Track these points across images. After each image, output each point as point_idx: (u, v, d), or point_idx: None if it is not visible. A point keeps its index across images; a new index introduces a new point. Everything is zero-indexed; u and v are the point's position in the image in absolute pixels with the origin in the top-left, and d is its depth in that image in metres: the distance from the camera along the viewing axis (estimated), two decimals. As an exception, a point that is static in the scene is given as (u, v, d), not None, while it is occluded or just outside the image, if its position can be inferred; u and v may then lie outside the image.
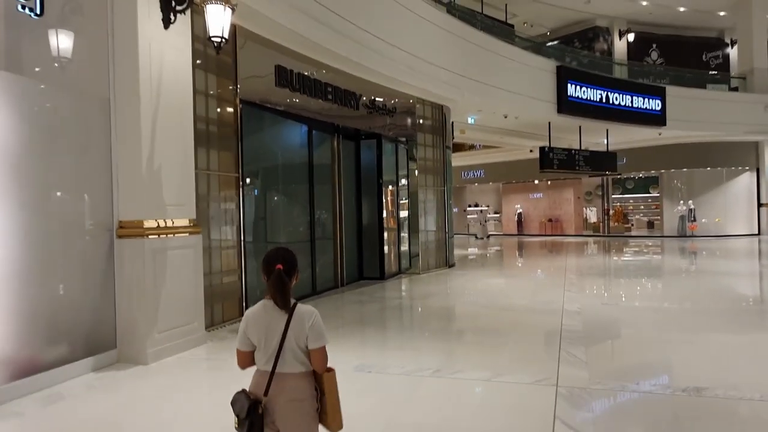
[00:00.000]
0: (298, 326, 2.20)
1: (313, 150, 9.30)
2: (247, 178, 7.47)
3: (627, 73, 20.58)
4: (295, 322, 2.20)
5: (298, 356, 2.21)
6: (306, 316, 2.22)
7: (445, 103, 12.94)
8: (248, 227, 7.63)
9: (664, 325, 6.71)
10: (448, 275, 11.94)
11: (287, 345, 2.18)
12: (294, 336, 2.19)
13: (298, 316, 2.21)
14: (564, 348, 5.38)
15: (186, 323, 5.64)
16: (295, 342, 2.19)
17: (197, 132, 6.28)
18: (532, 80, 15.35)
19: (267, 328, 2.21)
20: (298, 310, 2.22)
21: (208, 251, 6.56)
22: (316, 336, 2.21)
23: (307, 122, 9.17)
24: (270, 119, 8.42)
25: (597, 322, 6.81)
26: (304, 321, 2.21)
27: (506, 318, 7.17)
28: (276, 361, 2.18)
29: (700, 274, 11.93)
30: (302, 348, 2.21)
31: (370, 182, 11.25)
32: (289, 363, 2.20)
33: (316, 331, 2.21)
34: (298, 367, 2.21)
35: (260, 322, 2.24)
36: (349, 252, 10.79)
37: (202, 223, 6.36)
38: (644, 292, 9.47)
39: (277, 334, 2.19)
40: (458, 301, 8.84)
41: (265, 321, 2.23)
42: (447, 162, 13.20)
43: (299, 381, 2.21)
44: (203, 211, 6.50)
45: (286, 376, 2.20)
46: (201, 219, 6.37)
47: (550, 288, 9.70)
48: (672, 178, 23.20)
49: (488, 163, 28.10)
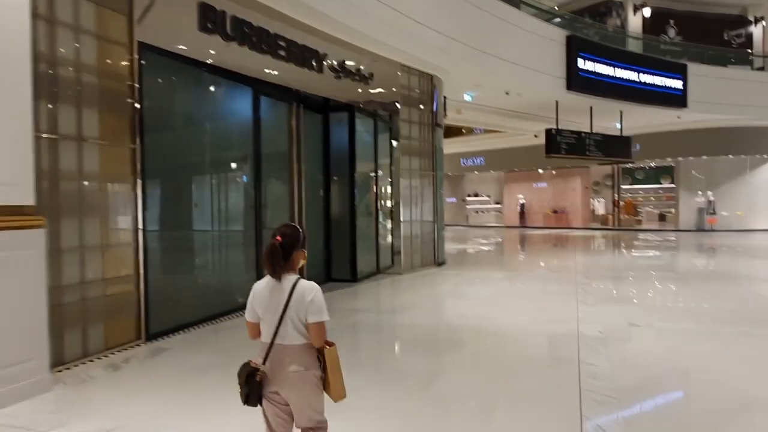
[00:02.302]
0: (299, 300, 2.26)
1: (260, 121, 7.34)
2: (153, 153, 5.52)
3: (643, 49, 18.51)
4: (296, 296, 2.26)
5: (299, 329, 2.28)
6: (306, 291, 2.27)
7: (435, 72, 10.94)
8: (154, 219, 5.70)
9: (734, 363, 4.76)
10: (436, 277, 10.01)
11: (288, 317, 2.26)
12: (295, 309, 2.26)
13: (299, 291, 2.27)
14: (588, 418, 3.45)
15: (12, 363, 3.73)
16: (296, 315, 2.27)
17: (52, 80, 4.35)
18: (539, 51, 13.31)
19: (270, 300, 2.30)
20: (299, 285, 2.28)
21: (78, 251, 4.64)
22: (316, 311, 2.26)
23: (252, 85, 7.21)
24: (194, 76, 6.44)
25: (630, 359, 4.87)
26: (305, 295, 2.26)
27: (501, 352, 5.22)
28: (276, 333, 2.26)
29: (740, 279, 9.97)
30: (302, 321, 2.28)
31: (341, 165, 9.30)
32: (291, 335, 2.27)
33: (315, 306, 2.26)
34: (299, 338, 2.28)
35: (264, 295, 2.32)
36: (313, 249, 8.86)
37: (63, 212, 4.44)
38: (681, 306, 7.44)
39: (279, 306, 2.26)
40: (439, 320, 6.84)
41: (268, 294, 2.31)
42: (437, 143, 11.23)
43: (301, 351, 2.28)
44: (70, 194, 4.58)
45: (288, 348, 2.27)
46: (61, 205, 4.46)
47: (559, 297, 7.76)
48: (690, 167, 21.16)
49: (489, 150, 26.09)
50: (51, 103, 4.43)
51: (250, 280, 7.29)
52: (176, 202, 6.36)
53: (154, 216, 5.72)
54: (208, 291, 6.60)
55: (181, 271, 6.31)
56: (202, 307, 6.31)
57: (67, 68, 4.58)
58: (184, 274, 6.35)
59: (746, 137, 19.82)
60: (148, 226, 5.43)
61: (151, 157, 5.45)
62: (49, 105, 4.41)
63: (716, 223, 20.23)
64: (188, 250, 6.44)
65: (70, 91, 4.59)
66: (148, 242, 5.41)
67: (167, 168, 6.11)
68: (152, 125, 5.56)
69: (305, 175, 8.56)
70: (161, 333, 5.56)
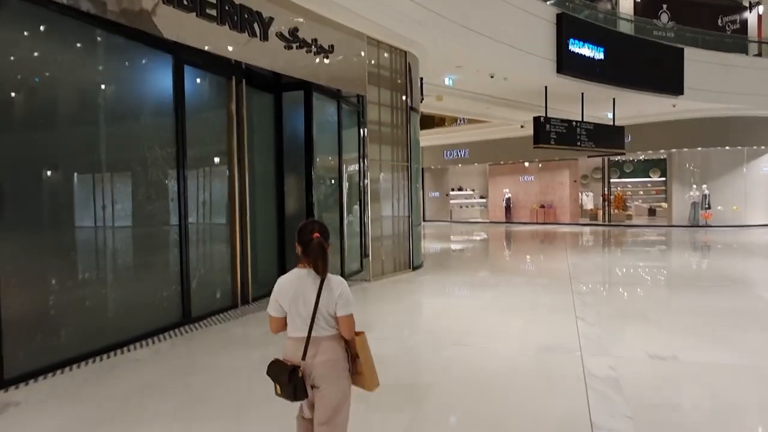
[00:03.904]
0: (328, 294, 2.31)
1: (184, 98, 5.88)
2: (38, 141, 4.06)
3: (634, 32, 17.29)
4: (326, 290, 2.31)
5: (329, 321, 2.34)
6: (335, 285, 2.34)
7: (410, 49, 9.54)
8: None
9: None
10: (410, 284, 8.65)
11: (319, 311, 2.30)
12: (324, 303, 2.31)
13: (328, 285, 2.32)
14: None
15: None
16: (325, 309, 2.31)
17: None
18: (527, 29, 11.97)
19: (299, 294, 2.32)
20: (328, 280, 2.33)
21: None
22: (344, 304, 2.34)
23: (173, 52, 5.75)
24: (84, 35, 4.94)
25: (662, 418, 3.54)
26: (334, 290, 2.33)
27: (481, 407, 3.86)
28: (311, 327, 2.30)
29: (762, 286, 8.77)
30: (331, 314, 2.33)
31: (297, 154, 7.88)
32: (322, 327, 2.32)
33: (344, 300, 2.34)
34: (329, 330, 2.34)
35: (292, 289, 2.34)
36: (263, 254, 7.46)
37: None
38: (707, 326, 5.69)
39: (310, 300, 2.30)
40: (403, 349, 5.19)
41: (297, 288, 2.33)
42: (412, 130, 9.84)
43: (332, 342, 2.35)
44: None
45: (320, 340, 2.32)
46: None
47: (553, 312, 6.45)
48: (683, 159, 20.03)
49: (473, 142, 24.77)
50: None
51: (173, 295, 5.95)
52: (54, 200, 4.88)
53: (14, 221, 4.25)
54: (102, 313, 5.11)
55: (59, 287, 4.79)
56: (93, 337, 4.85)
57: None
58: (63, 292, 4.80)
59: (744, 127, 18.75)
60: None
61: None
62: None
63: (711, 218, 19.15)
64: (66, 259, 4.88)
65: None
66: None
67: (48, 158, 4.65)
68: (25, 104, 4.10)
69: (251, 167, 7.15)
70: (22, 378, 4.12)
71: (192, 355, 5.04)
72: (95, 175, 5.14)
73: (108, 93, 5.25)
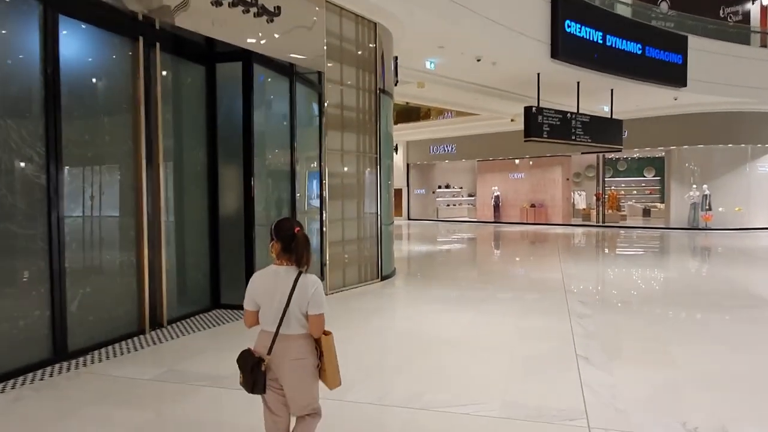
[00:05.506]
0: (302, 293, 2.31)
1: (58, 60, 4.38)
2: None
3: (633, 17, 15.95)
4: (299, 288, 2.31)
5: (300, 320, 2.33)
6: (309, 285, 2.34)
7: (381, 20, 8.09)
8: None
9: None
10: (375, 299, 7.22)
11: (291, 309, 2.30)
12: (297, 301, 2.30)
13: (302, 284, 2.32)
14: None
15: None
16: (297, 307, 2.31)
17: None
18: (518, 6, 10.57)
19: (273, 290, 2.33)
20: (303, 278, 2.33)
21: None
22: (316, 304, 2.33)
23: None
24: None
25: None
26: (308, 288, 2.32)
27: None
28: (280, 323, 2.30)
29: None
30: (303, 313, 2.33)
31: (234, 143, 6.40)
32: (293, 325, 2.32)
33: (316, 300, 2.33)
34: (299, 329, 2.33)
35: (266, 284, 2.37)
36: (190, 264, 5.99)
37: None
38: (759, 374, 4.24)
39: (282, 297, 2.30)
40: (329, 411, 4.02)
41: (272, 284, 2.35)
42: (384, 116, 8.39)
43: (301, 341, 2.35)
44: None
45: (289, 338, 2.32)
46: None
47: (548, 347, 5.03)
48: (683, 157, 18.75)
49: (461, 137, 23.38)
50: None
51: (37, 323, 4.12)
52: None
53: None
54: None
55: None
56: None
57: None
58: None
59: (748, 124, 17.52)
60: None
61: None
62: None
63: (711, 220, 17.90)
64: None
65: None
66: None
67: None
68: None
69: (175, 155, 5.68)
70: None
71: (36, 418, 3.53)
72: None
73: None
